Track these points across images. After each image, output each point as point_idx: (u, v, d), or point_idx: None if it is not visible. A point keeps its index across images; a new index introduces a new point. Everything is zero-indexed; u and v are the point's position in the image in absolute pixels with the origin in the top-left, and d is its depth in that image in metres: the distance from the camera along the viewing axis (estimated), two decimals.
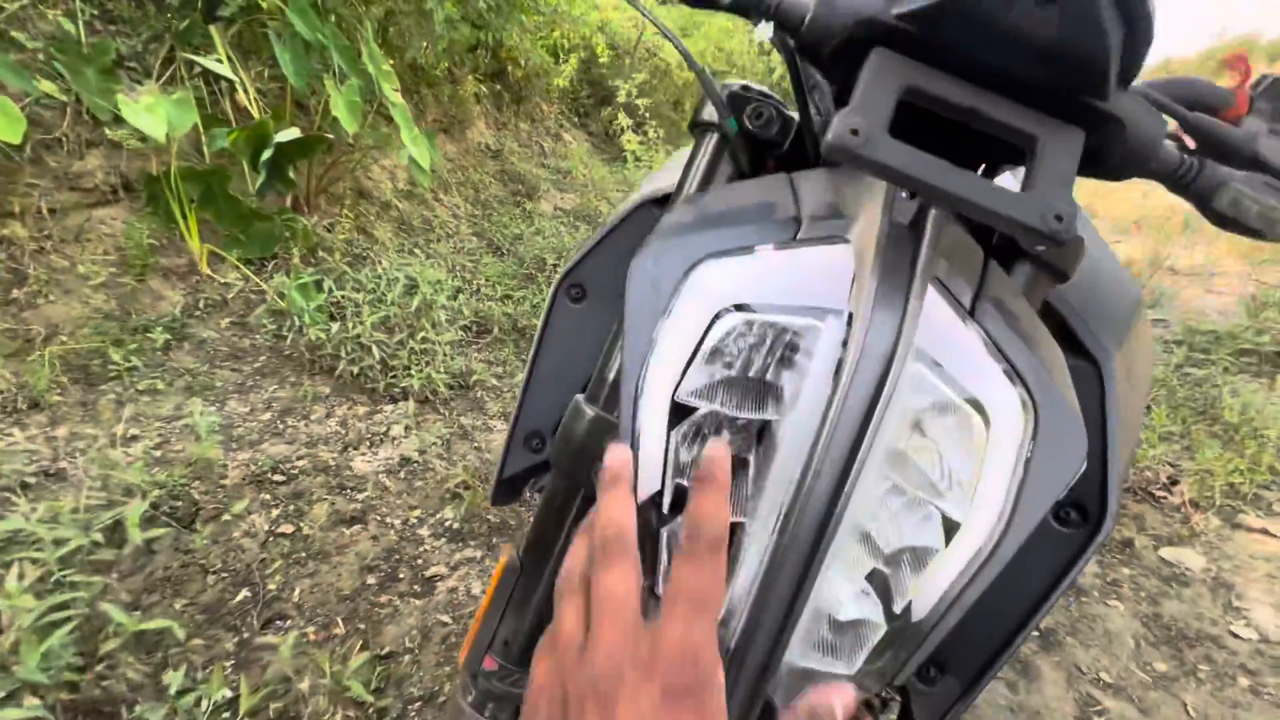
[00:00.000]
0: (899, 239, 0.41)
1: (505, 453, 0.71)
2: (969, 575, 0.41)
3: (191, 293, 2.63)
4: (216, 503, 1.85)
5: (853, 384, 0.38)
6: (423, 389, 2.48)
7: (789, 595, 0.38)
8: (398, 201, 3.84)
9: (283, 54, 2.70)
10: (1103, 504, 0.54)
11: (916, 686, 0.56)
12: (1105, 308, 0.62)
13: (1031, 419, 0.42)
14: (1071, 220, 0.38)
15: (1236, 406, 2.33)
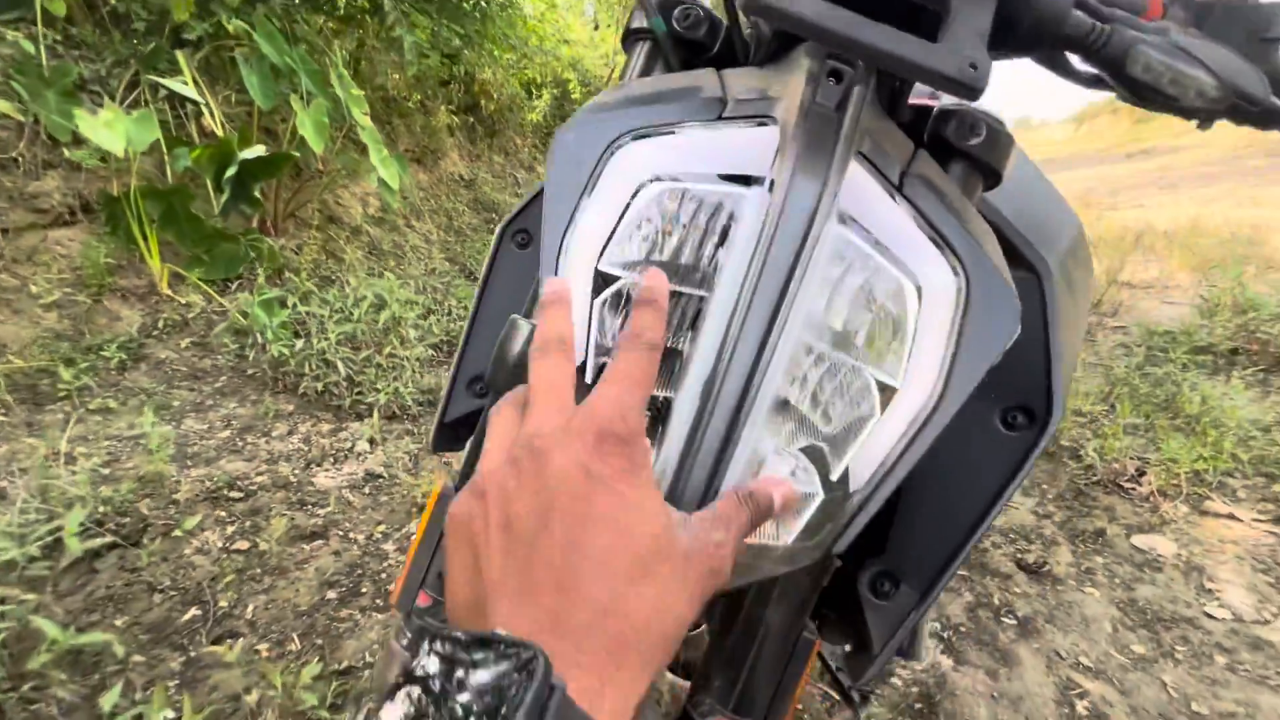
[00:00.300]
0: (823, 115, 0.41)
1: (447, 397, 0.68)
2: (906, 441, 0.40)
3: (150, 313, 2.57)
4: (167, 519, 1.76)
5: (774, 243, 0.38)
6: (390, 404, 2.42)
7: (713, 460, 0.37)
8: (368, 226, 3.84)
9: (249, 77, 2.71)
10: (1049, 406, 0.54)
11: (871, 601, 0.54)
12: (1044, 228, 0.63)
13: (963, 288, 0.42)
14: (986, 69, 0.39)
15: (1196, 400, 2.38)
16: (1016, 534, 1.95)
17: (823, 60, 0.43)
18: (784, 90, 0.44)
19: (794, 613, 0.55)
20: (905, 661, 1.55)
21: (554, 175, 0.42)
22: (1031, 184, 0.68)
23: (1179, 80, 0.43)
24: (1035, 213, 0.62)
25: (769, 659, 0.55)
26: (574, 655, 0.26)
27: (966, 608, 1.66)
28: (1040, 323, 0.57)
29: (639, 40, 0.55)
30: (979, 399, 0.57)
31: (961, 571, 1.79)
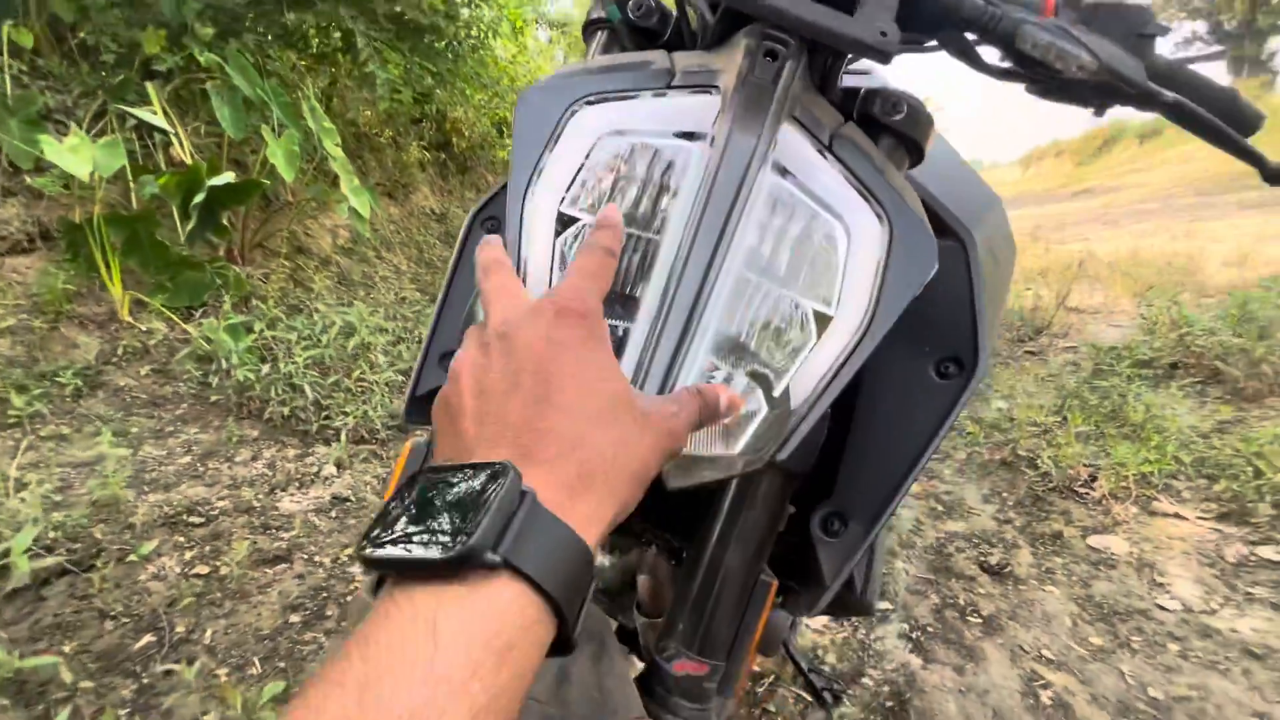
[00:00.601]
0: (760, 85, 0.47)
1: (419, 371, 0.71)
2: (841, 361, 0.44)
3: (110, 340, 2.52)
4: (122, 544, 1.71)
5: (714, 188, 0.43)
6: (358, 428, 2.40)
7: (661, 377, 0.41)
8: (337, 257, 3.84)
9: (221, 108, 2.74)
10: (975, 356, 0.59)
11: (821, 539, 0.58)
12: (967, 203, 0.69)
13: (887, 231, 0.47)
14: (895, 36, 0.45)
15: (1140, 409, 2.50)
16: (979, 538, 2.00)
17: (760, 40, 0.48)
18: (726, 65, 0.50)
19: (752, 555, 0.58)
20: (860, 617, 1.56)
21: (519, 130, 0.46)
22: (954, 167, 0.75)
23: (1062, 55, 0.50)
24: (958, 191, 0.68)
25: (729, 601, 0.58)
26: (545, 476, 0.29)
27: (933, 609, 1.69)
28: (966, 284, 0.62)
29: (597, 29, 0.61)
30: (914, 354, 0.63)
31: (928, 575, 1.83)
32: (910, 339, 0.63)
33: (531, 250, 0.45)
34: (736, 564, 0.57)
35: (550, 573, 0.26)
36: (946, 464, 2.53)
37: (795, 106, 0.48)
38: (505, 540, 0.25)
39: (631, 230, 0.45)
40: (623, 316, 0.44)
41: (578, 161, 0.46)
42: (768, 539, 0.58)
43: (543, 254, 0.44)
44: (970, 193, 0.72)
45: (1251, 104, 0.61)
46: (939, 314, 0.62)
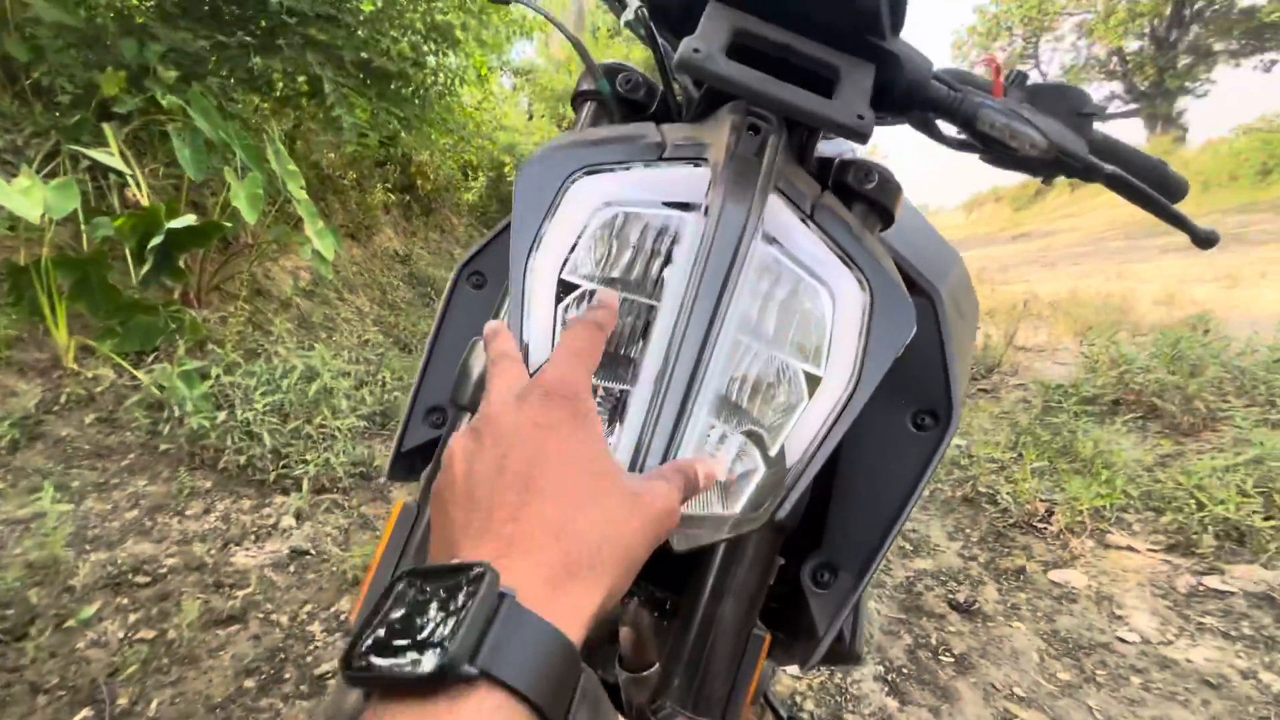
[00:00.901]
0: (746, 159, 0.50)
1: (404, 426, 0.70)
2: (832, 420, 0.46)
3: (52, 388, 2.39)
4: (59, 609, 1.59)
5: (710, 257, 0.46)
6: (320, 475, 2.31)
7: (665, 442, 0.42)
8: (298, 300, 3.76)
9: (182, 149, 2.70)
10: (949, 408, 0.62)
11: (812, 590, 0.59)
12: (933, 262, 0.74)
13: (868, 296, 0.50)
14: (870, 119, 0.49)
15: (1089, 444, 2.62)
16: (946, 575, 2.04)
17: (744, 115, 0.52)
18: (713, 139, 0.53)
19: (745, 609, 0.59)
20: (848, 667, 1.56)
21: (520, 199, 0.48)
22: (918, 228, 0.80)
23: (1016, 135, 0.55)
24: (923, 250, 0.73)
25: (723, 656, 0.58)
26: (527, 570, 0.28)
27: (906, 650, 1.70)
28: (937, 340, 0.66)
29: (587, 100, 0.64)
30: (892, 407, 0.66)
31: (899, 614, 1.85)
32: (888, 394, 0.66)
33: (533, 316, 0.46)
34: (730, 619, 0.58)
35: (532, 677, 0.25)
36: None
37: (779, 179, 0.51)
38: (483, 649, 0.25)
39: (628, 295, 0.46)
40: (622, 379, 0.45)
41: (576, 229, 0.48)
42: (759, 592, 0.59)
43: (545, 319, 0.46)
44: (934, 250, 0.77)
45: (1177, 174, 0.68)
46: (913, 369, 0.65)
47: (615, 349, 0.46)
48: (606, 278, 0.47)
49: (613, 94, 0.62)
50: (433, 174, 5.99)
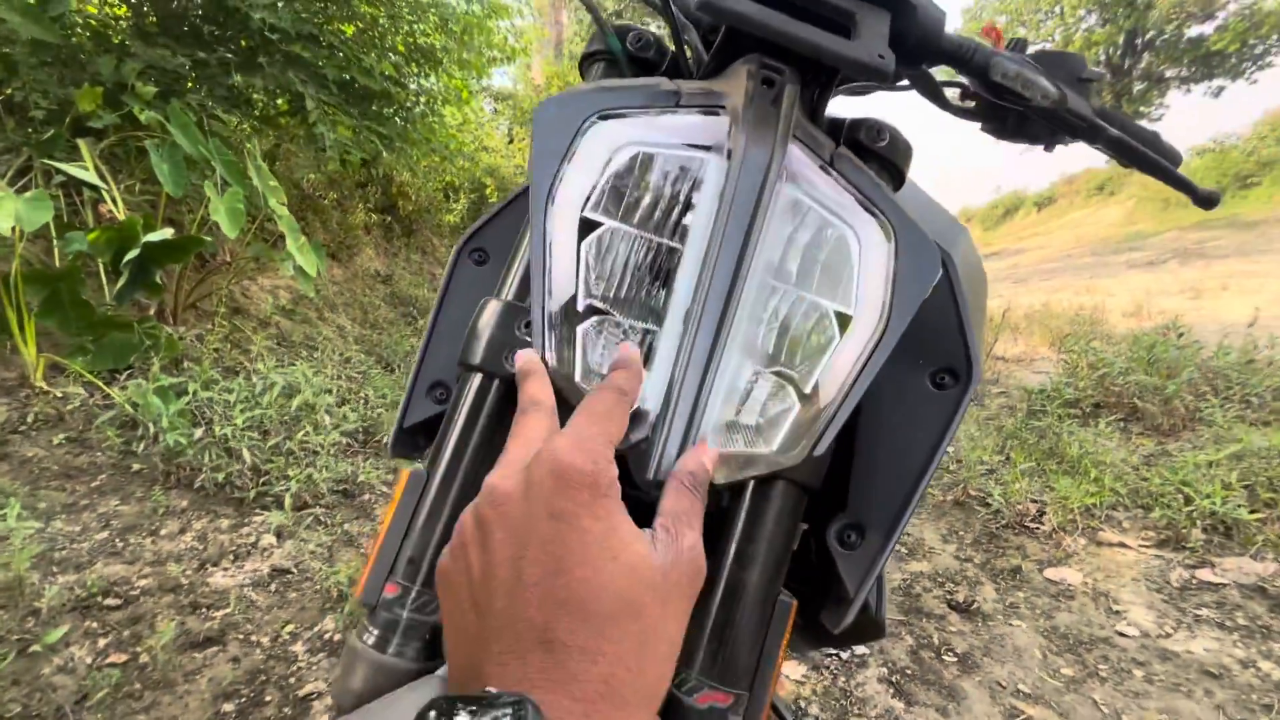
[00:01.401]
0: (764, 105, 0.49)
1: (406, 402, 0.68)
2: (865, 358, 0.45)
3: (18, 407, 2.30)
4: (23, 634, 1.50)
5: (736, 198, 0.45)
6: (302, 492, 2.24)
7: (697, 383, 0.41)
8: (277, 318, 3.69)
9: (160, 165, 2.66)
10: (968, 365, 0.62)
11: (840, 551, 0.57)
12: (939, 230, 0.74)
13: (892, 239, 0.49)
14: (890, 61, 0.48)
15: (1075, 445, 2.65)
16: (944, 577, 2.02)
17: (759, 66, 0.51)
18: (729, 89, 0.53)
19: (770, 574, 0.57)
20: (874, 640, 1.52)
21: (538, 141, 0.46)
22: (924, 202, 0.80)
23: (1029, 84, 0.56)
24: (930, 218, 0.73)
25: (749, 624, 0.56)
26: (566, 704, 0.26)
27: (909, 651, 1.68)
28: (951, 300, 0.66)
29: (596, 61, 0.63)
30: (911, 368, 0.65)
31: (898, 616, 1.82)
32: (906, 353, 0.65)
33: (555, 256, 0.44)
34: (755, 584, 0.55)
35: None
36: None
37: (797, 128, 0.50)
38: None
39: (654, 237, 0.45)
40: (648, 320, 0.44)
41: (598, 169, 0.46)
42: (784, 557, 0.57)
43: (567, 259, 0.44)
44: (942, 221, 0.77)
45: (1170, 144, 0.69)
46: (929, 330, 0.65)
47: (640, 295, 0.45)
48: (627, 217, 0.46)
49: (623, 53, 0.61)
50: (414, 195, 5.98)
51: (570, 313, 0.43)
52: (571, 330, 0.43)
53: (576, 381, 0.42)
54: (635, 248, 0.45)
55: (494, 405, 0.55)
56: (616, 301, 0.45)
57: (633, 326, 0.44)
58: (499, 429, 0.56)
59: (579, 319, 0.43)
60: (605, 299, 0.44)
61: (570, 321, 0.43)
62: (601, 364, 0.43)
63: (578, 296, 0.43)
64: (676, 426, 0.40)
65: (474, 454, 0.55)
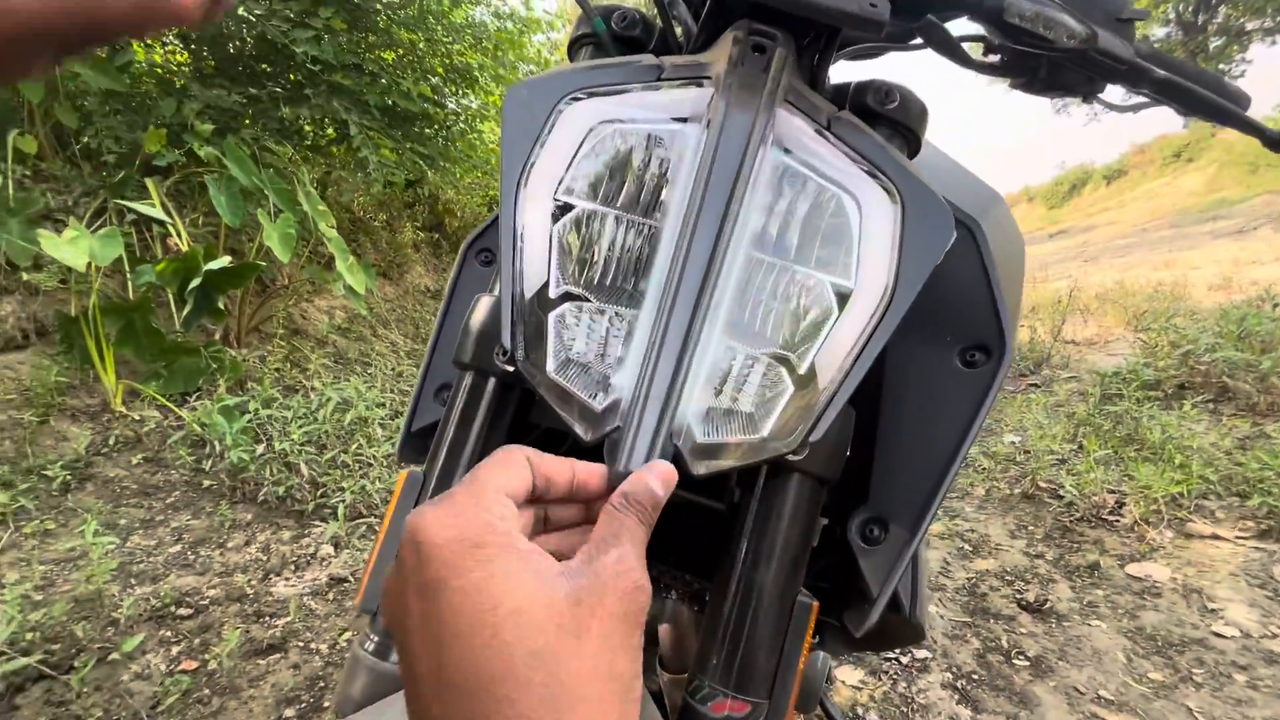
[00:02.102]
0: (751, 73, 0.46)
1: (414, 406, 0.67)
2: (867, 335, 0.41)
3: (101, 431, 2.47)
4: (104, 642, 1.60)
5: (714, 168, 0.42)
6: (356, 503, 2.31)
7: (672, 366, 0.38)
8: (334, 337, 3.85)
9: (218, 197, 2.81)
10: (1001, 340, 0.56)
11: (861, 547, 0.53)
12: (968, 197, 0.68)
13: (899, 203, 0.45)
14: (884, 8, 0.44)
15: (1157, 430, 2.44)
16: (1012, 575, 1.90)
17: (748, 32, 0.48)
18: (714, 58, 0.49)
19: (787, 574, 0.53)
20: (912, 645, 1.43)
21: (508, 124, 0.45)
22: (951, 168, 0.75)
23: (1050, 23, 0.50)
24: (958, 188, 0.67)
25: (766, 628, 0.52)
26: None
27: (975, 654, 1.57)
28: (980, 272, 0.60)
29: (583, 45, 0.61)
30: (938, 346, 0.60)
31: (963, 617, 1.72)
32: (930, 330, 0.60)
33: (529, 241, 0.42)
34: (771, 584, 0.52)
35: None
36: (966, 501, 2.44)
37: (789, 93, 0.47)
38: None
39: (630, 216, 0.43)
40: (626, 303, 0.41)
41: (571, 151, 0.44)
42: (802, 555, 0.53)
43: (539, 245, 0.42)
44: (970, 188, 0.72)
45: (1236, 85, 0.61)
46: (957, 303, 0.60)
47: (617, 278, 0.42)
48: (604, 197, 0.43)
49: (609, 33, 0.59)
50: (459, 211, 6.14)
51: (543, 300, 0.41)
52: (544, 318, 0.41)
53: (550, 374, 0.40)
54: (612, 228, 0.43)
55: (489, 403, 0.54)
56: (594, 286, 0.42)
57: (615, 312, 0.42)
58: (494, 427, 0.54)
59: (551, 306, 0.41)
60: (582, 284, 0.42)
61: (543, 309, 0.41)
62: (578, 354, 0.41)
63: (549, 283, 0.41)
64: (649, 415, 0.37)
65: (471, 453, 0.54)
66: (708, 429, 0.39)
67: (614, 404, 0.39)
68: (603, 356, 0.41)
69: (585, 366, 0.41)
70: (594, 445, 0.39)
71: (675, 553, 0.84)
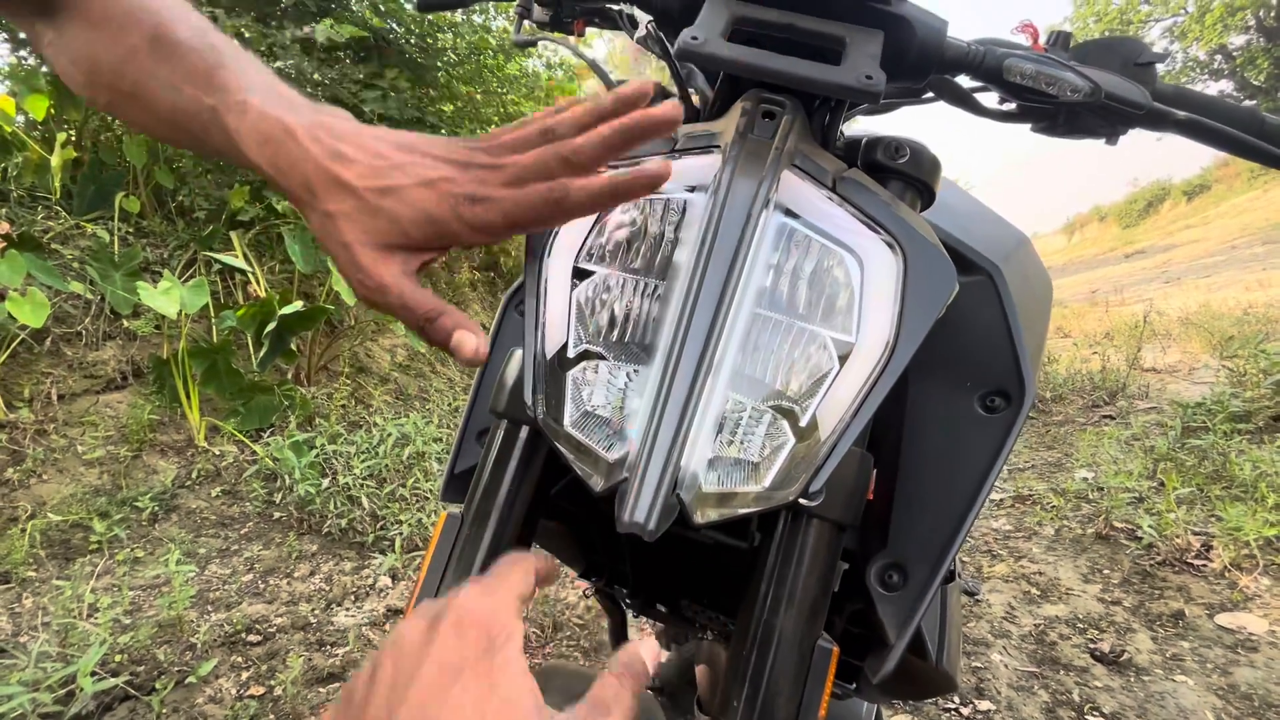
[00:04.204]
0: (759, 140, 0.49)
1: (457, 448, 0.72)
2: (868, 387, 0.42)
3: (186, 465, 2.66)
4: (182, 665, 1.70)
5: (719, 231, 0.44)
6: (413, 535, 2.40)
7: (677, 418, 0.40)
8: (395, 374, 4.03)
9: (292, 246, 3.04)
10: (1020, 386, 0.56)
11: (880, 593, 0.53)
12: (989, 240, 0.68)
13: (900, 258, 0.47)
14: (880, 80, 0.47)
15: (1247, 466, 2.26)
16: (1084, 622, 1.78)
17: (756, 102, 0.51)
18: (724, 128, 0.53)
19: (806, 619, 0.53)
20: (942, 695, 1.35)
21: None
22: (973, 211, 0.75)
23: (1052, 81, 0.51)
24: (978, 230, 0.68)
25: (786, 672, 0.52)
26: None
27: (1044, 708, 1.48)
28: (1000, 317, 0.60)
29: None
30: (957, 392, 0.60)
31: (1029, 667, 1.62)
32: (951, 376, 0.60)
33: (548, 303, 0.46)
34: (790, 629, 0.52)
35: None
36: (1034, 541, 2.31)
37: (796, 157, 0.49)
38: None
39: (644, 279, 0.46)
40: (639, 360, 0.44)
41: (590, 220, 0.48)
42: (821, 599, 0.53)
43: (560, 305, 0.46)
44: (995, 232, 0.72)
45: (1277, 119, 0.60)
46: (977, 348, 0.60)
47: (632, 337, 0.45)
48: (620, 262, 0.47)
49: None
50: (513, 250, 6.37)
51: (563, 359, 0.45)
52: (562, 376, 0.44)
53: (567, 427, 0.43)
54: (627, 291, 0.46)
55: (522, 451, 0.58)
56: (610, 345, 0.45)
57: (628, 369, 0.44)
58: (526, 474, 0.57)
59: (570, 365, 0.44)
60: (599, 343, 0.45)
61: (562, 368, 0.44)
62: (594, 408, 0.44)
63: (569, 343, 0.45)
64: (653, 468, 0.39)
65: (505, 499, 0.57)
66: (713, 478, 0.41)
67: (624, 456, 0.41)
68: (617, 410, 0.44)
69: (600, 420, 0.44)
70: (606, 495, 0.41)
71: (709, 593, 0.84)
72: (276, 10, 3.38)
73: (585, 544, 0.89)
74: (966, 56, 0.52)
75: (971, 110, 0.67)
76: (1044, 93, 0.52)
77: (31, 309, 2.12)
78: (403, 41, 3.76)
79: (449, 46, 4.00)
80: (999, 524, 2.49)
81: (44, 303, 2.17)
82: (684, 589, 0.89)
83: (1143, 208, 24.36)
